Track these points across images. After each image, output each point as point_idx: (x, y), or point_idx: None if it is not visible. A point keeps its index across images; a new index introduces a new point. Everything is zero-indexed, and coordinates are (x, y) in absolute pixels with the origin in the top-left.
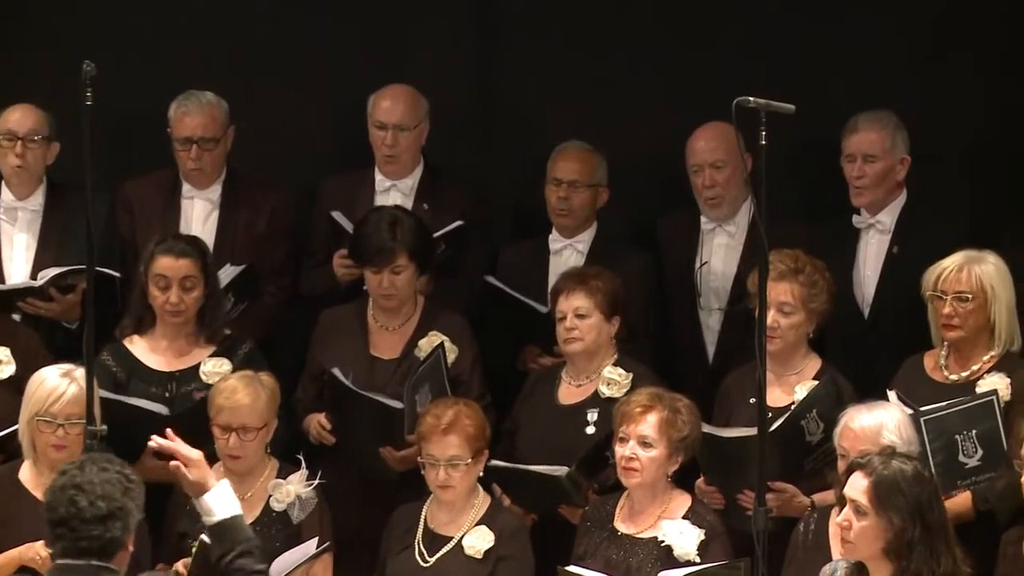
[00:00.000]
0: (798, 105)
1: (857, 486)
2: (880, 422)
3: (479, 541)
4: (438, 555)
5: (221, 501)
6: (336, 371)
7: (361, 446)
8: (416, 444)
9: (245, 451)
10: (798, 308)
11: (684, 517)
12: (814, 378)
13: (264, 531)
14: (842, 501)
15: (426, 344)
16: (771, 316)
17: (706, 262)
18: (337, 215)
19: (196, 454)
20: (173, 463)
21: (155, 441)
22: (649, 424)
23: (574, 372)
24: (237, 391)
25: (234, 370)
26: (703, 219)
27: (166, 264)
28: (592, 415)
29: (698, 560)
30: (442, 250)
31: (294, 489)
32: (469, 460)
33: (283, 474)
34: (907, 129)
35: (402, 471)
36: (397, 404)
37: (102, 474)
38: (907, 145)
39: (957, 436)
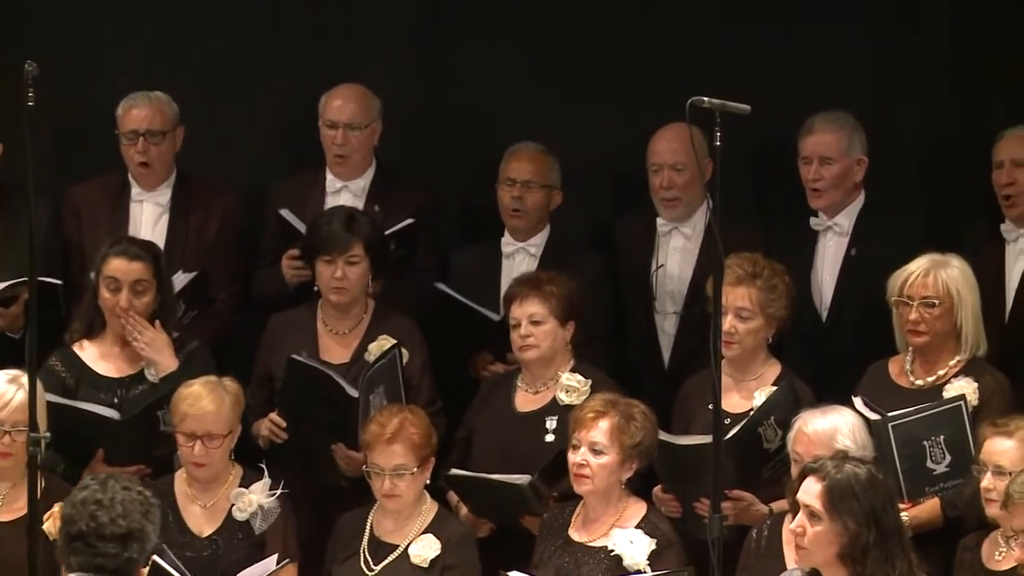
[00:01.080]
0: (756, 106)
1: (810, 491)
2: (834, 426)
3: (425, 549)
4: (384, 563)
5: None
6: (296, 355)
7: (314, 443)
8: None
9: (210, 459)
10: (756, 313)
11: (638, 526)
12: (773, 384)
13: (226, 541)
14: (795, 507)
15: (376, 348)
16: (729, 321)
17: (662, 265)
18: (286, 213)
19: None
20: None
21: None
22: (600, 430)
23: (530, 379)
24: (201, 398)
25: (180, 368)
26: (659, 221)
27: (118, 266)
28: (551, 422)
29: (648, 570)
30: (393, 250)
31: (256, 499)
32: (415, 469)
33: (247, 482)
34: (864, 130)
35: (351, 477)
36: (354, 392)
37: (124, 493)
38: (864, 146)
39: (925, 442)
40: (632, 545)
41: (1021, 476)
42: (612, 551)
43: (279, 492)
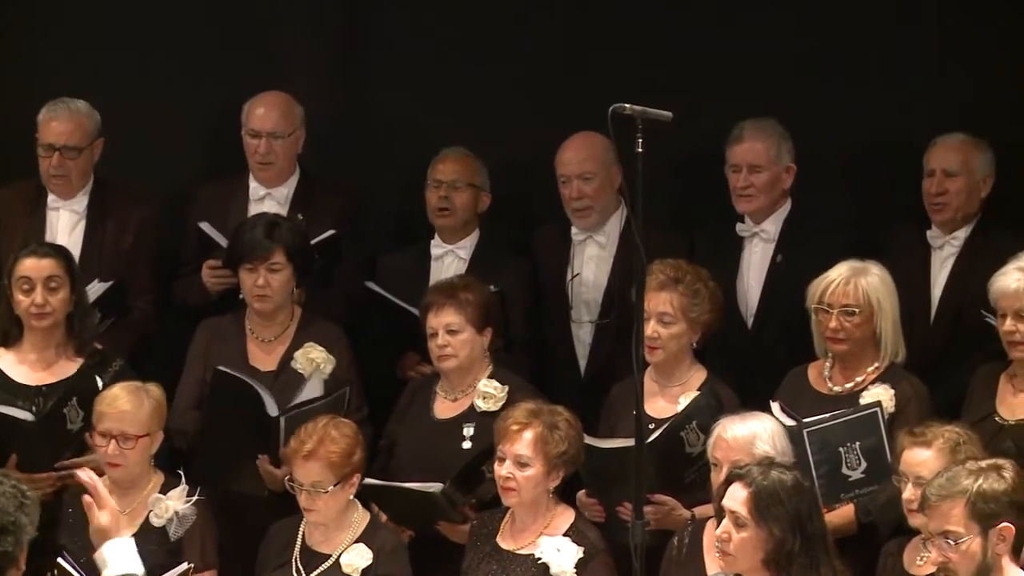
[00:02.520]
0: (680, 112)
1: (736, 497)
2: (753, 432)
3: (357, 559)
4: (315, 573)
5: (119, 557)
6: (222, 367)
7: (240, 453)
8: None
9: (125, 459)
10: (678, 318)
11: (565, 534)
12: (698, 389)
13: (142, 546)
14: (720, 513)
15: (302, 356)
16: (651, 326)
17: (577, 274)
18: (205, 226)
19: (113, 503)
20: (87, 499)
21: (80, 474)
22: (525, 443)
23: (449, 386)
24: (119, 398)
25: (104, 388)
26: (574, 230)
27: (29, 265)
28: (468, 430)
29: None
30: (317, 260)
31: (173, 505)
32: (331, 487)
33: (167, 489)
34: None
35: (276, 491)
36: (274, 412)
37: None
38: (792, 154)
39: (841, 448)
40: (559, 553)
41: (936, 479)
42: (539, 559)
43: (196, 498)
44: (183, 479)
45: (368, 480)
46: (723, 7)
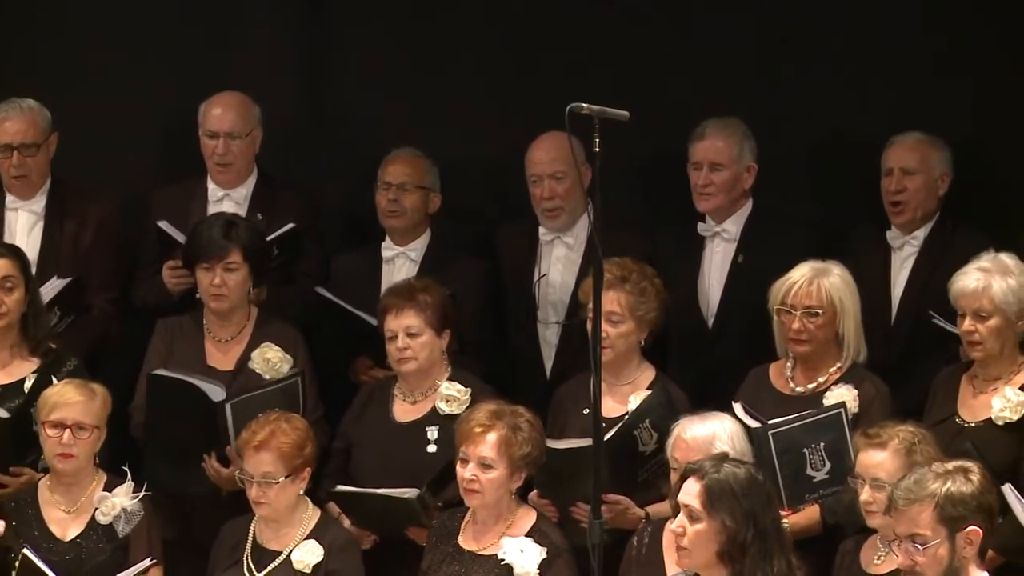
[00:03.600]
0: (643, 112)
1: (690, 491)
2: (712, 432)
3: (308, 555)
4: (266, 570)
5: None
6: (155, 371)
7: (188, 455)
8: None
9: (78, 450)
10: (626, 317)
11: (528, 534)
12: (648, 388)
13: (89, 545)
14: (677, 510)
15: (259, 356)
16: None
17: (544, 275)
18: (164, 224)
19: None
20: None
21: None
22: (488, 445)
23: (407, 389)
24: (69, 390)
25: None
26: (541, 231)
27: None
28: (432, 433)
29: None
30: (275, 255)
31: (120, 502)
32: (282, 478)
33: (110, 487)
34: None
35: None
36: (218, 396)
37: None
38: (754, 153)
39: (805, 449)
40: (523, 554)
41: (903, 482)
42: (503, 560)
43: (142, 494)
44: (128, 475)
45: (340, 488)
46: (684, 6)
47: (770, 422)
